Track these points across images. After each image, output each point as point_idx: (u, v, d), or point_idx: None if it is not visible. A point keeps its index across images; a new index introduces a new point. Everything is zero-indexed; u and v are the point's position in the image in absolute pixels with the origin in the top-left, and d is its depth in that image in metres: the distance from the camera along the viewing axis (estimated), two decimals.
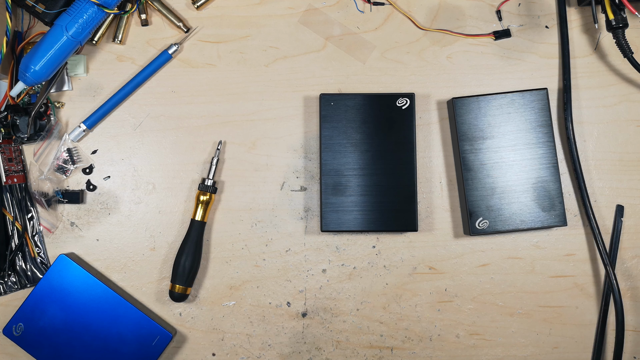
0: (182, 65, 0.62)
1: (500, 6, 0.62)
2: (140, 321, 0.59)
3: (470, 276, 0.62)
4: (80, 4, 0.56)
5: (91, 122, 0.61)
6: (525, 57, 0.62)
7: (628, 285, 0.62)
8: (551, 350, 0.61)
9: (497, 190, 0.59)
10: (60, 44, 0.56)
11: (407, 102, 0.60)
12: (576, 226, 0.62)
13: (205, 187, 0.60)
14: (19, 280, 0.61)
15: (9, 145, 0.61)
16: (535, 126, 0.59)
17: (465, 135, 0.59)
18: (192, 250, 0.60)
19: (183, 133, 0.62)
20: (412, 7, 0.63)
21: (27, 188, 0.61)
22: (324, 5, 0.63)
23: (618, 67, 0.62)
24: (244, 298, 0.62)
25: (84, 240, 0.62)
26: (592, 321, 0.62)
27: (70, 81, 0.62)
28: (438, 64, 0.62)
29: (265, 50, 0.63)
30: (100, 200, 0.62)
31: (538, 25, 0.62)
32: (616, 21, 0.57)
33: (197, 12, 0.63)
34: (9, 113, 0.59)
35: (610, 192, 0.62)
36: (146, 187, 0.62)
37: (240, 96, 0.62)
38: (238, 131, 0.62)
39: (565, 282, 0.61)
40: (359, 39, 0.63)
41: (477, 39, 0.62)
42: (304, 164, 0.62)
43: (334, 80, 0.62)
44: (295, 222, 0.62)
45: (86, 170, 0.62)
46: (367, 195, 0.59)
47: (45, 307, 0.59)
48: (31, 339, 0.59)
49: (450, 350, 0.62)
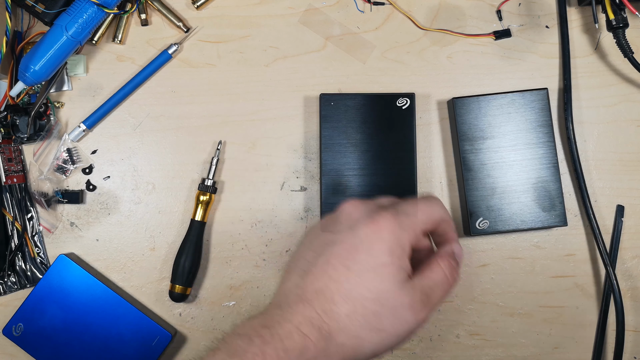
0: (182, 65, 0.62)
1: (500, 6, 0.62)
2: (140, 321, 0.59)
3: (470, 276, 0.61)
4: (80, 4, 0.56)
5: (91, 122, 0.61)
6: (526, 57, 0.62)
7: (628, 285, 0.61)
8: (551, 350, 0.61)
9: (498, 190, 0.59)
10: (60, 44, 0.56)
11: (407, 102, 0.60)
12: (576, 226, 0.61)
13: (205, 187, 0.60)
14: (19, 280, 0.61)
15: (9, 145, 0.61)
16: (536, 126, 0.59)
17: (466, 135, 0.59)
18: (192, 250, 0.60)
19: (183, 133, 0.62)
20: (412, 7, 0.63)
21: (26, 188, 0.61)
22: (324, 5, 0.63)
23: (618, 67, 0.62)
24: (244, 298, 0.61)
25: (84, 240, 0.62)
26: (592, 321, 0.61)
27: (70, 81, 0.62)
28: (438, 64, 0.62)
29: (265, 50, 0.62)
30: (100, 200, 0.62)
31: (538, 25, 0.62)
32: (616, 21, 0.57)
33: (197, 12, 0.63)
34: (9, 113, 0.59)
35: (610, 192, 0.62)
36: (146, 187, 0.62)
37: (240, 96, 0.62)
38: (238, 131, 0.62)
39: (566, 282, 0.61)
40: (359, 39, 0.63)
41: (478, 39, 0.62)
42: (304, 164, 0.62)
43: (334, 80, 0.62)
44: (295, 222, 0.62)
45: (86, 170, 0.62)
46: (368, 195, 0.59)
47: (45, 307, 0.59)
48: (31, 339, 0.59)
49: (451, 351, 0.61)
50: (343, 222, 0.45)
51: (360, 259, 0.42)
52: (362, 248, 0.43)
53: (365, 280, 0.42)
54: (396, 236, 0.43)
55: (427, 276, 0.44)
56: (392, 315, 0.42)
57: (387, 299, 0.42)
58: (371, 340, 0.42)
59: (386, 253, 0.42)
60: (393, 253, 0.43)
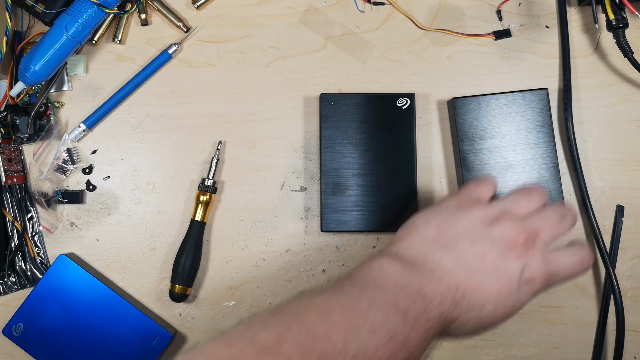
0: (182, 65, 0.62)
1: (500, 6, 0.62)
2: (140, 321, 0.59)
3: None
4: (80, 4, 0.56)
5: (91, 122, 0.61)
6: (526, 57, 0.62)
7: (628, 285, 0.61)
8: (552, 350, 0.61)
9: (498, 191, 0.59)
10: (60, 44, 0.56)
11: (407, 102, 0.60)
12: (576, 226, 0.61)
13: (205, 187, 0.60)
14: (19, 280, 0.61)
15: (9, 145, 0.61)
16: (536, 126, 0.59)
17: (466, 135, 0.59)
18: (192, 250, 0.60)
19: (183, 133, 0.62)
20: (412, 7, 0.63)
21: (26, 188, 0.61)
22: (324, 5, 0.63)
23: (618, 67, 0.62)
24: (244, 298, 0.61)
25: (84, 241, 0.62)
26: (592, 321, 0.61)
27: (70, 81, 0.62)
28: (438, 64, 0.62)
29: (265, 50, 0.62)
30: (100, 201, 0.62)
31: (538, 25, 0.62)
32: (616, 21, 0.56)
33: (197, 12, 0.63)
34: (9, 113, 0.59)
35: (610, 192, 0.62)
36: (146, 187, 0.62)
37: (240, 96, 0.62)
38: (238, 131, 0.62)
39: (566, 282, 0.61)
40: (359, 39, 0.62)
41: (478, 39, 0.62)
42: (304, 164, 0.62)
43: (334, 80, 0.62)
44: (295, 222, 0.62)
45: (86, 170, 0.62)
46: (368, 195, 0.59)
47: (45, 307, 0.59)
48: (31, 339, 0.59)
49: (451, 351, 0.61)
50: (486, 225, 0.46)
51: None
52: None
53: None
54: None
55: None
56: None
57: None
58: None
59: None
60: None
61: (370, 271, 0.43)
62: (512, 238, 0.45)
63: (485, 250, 0.44)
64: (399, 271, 0.43)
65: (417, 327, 0.40)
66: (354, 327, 0.38)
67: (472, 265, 0.43)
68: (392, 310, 0.40)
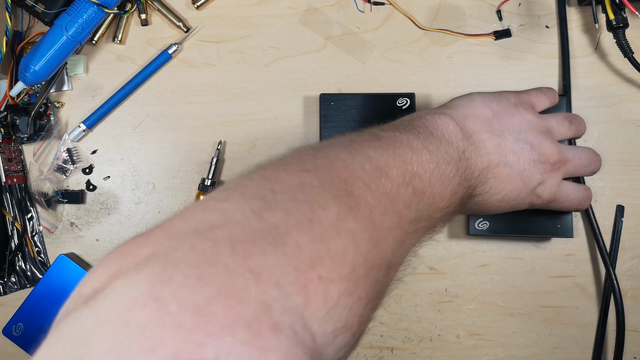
0: (182, 65, 0.62)
1: (500, 6, 0.62)
2: None
3: (470, 276, 0.61)
4: (80, 4, 0.56)
5: (91, 122, 0.61)
6: (526, 57, 0.62)
7: (628, 285, 0.61)
8: (552, 350, 0.61)
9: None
10: (60, 44, 0.56)
11: (407, 102, 0.60)
12: (576, 226, 0.61)
13: (205, 187, 0.60)
14: (19, 280, 0.61)
15: (9, 145, 0.61)
16: None
17: None
18: None
19: (183, 133, 0.62)
20: (412, 7, 0.63)
21: (26, 188, 0.61)
22: (324, 5, 0.63)
23: (618, 67, 0.62)
24: None
25: (84, 241, 0.62)
26: (592, 321, 0.61)
27: (70, 81, 0.62)
28: (438, 64, 0.62)
29: (265, 50, 0.62)
30: (100, 201, 0.62)
31: (538, 25, 0.62)
32: (616, 21, 0.56)
33: (197, 12, 0.63)
34: (9, 113, 0.59)
35: (610, 192, 0.62)
36: (146, 187, 0.62)
37: (240, 96, 0.62)
38: (238, 131, 0.62)
39: (566, 282, 0.61)
40: (359, 39, 0.62)
41: (478, 39, 0.62)
42: None
43: (334, 80, 0.62)
44: None
45: (86, 170, 0.62)
46: None
47: (45, 307, 0.59)
48: (31, 339, 0.59)
49: (451, 351, 0.61)
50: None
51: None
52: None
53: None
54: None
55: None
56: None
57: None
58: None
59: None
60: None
61: (438, 126, 0.45)
62: (547, 154, 0.49)
63: (524, 152, 0.48)
64: (460, 136, 0.45)
65: (460, 192, 0.43)
66: (437, 174, 0.41)
67: (507, 157, 0.47)
68: (455, 169, 0.43)
